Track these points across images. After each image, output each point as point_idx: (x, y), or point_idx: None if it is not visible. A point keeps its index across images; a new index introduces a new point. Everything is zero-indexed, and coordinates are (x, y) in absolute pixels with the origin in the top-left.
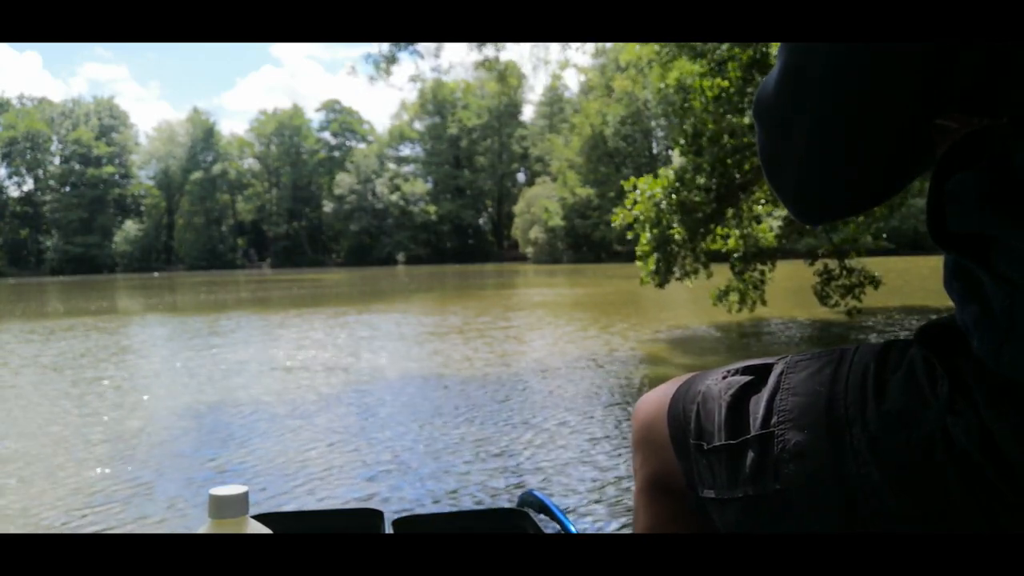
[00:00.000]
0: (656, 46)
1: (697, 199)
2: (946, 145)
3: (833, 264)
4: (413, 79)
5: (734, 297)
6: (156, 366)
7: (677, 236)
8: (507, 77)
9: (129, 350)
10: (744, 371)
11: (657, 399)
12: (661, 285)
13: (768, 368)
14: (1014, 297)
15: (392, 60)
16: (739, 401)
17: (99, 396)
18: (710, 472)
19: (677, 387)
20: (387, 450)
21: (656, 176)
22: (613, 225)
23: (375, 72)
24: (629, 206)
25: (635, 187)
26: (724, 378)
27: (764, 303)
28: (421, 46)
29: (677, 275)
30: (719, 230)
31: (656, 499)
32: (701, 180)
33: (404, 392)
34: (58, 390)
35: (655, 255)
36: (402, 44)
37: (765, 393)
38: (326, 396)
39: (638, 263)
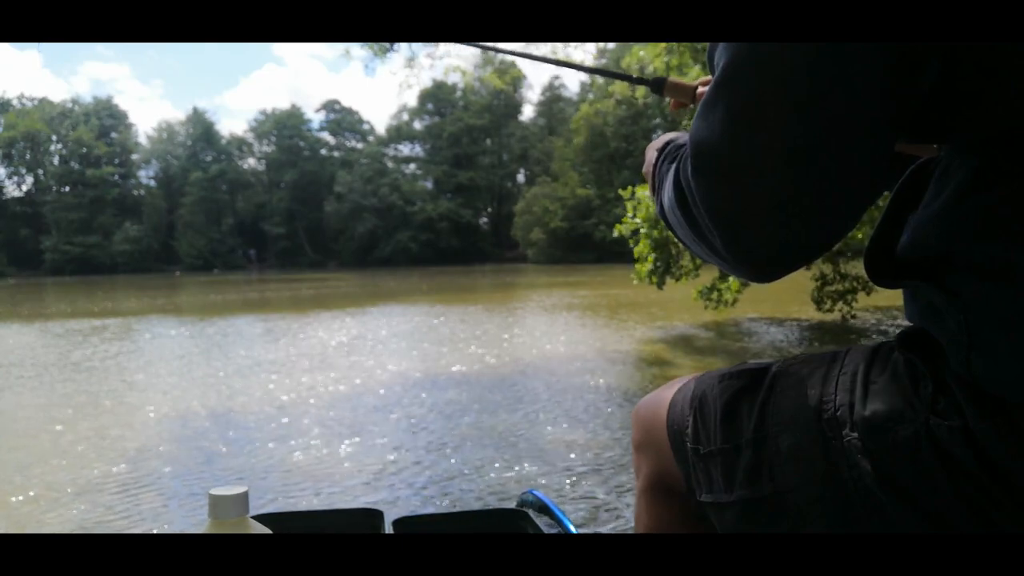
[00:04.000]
0: (664, 52)
1: None
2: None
3: (828, 269)
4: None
5: (715, 295)
6: (205, 368)
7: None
8: (504, 77)
9: (169, 352)
10: (739, 374)
11: (657, 402)
12: (659, 286)
13: (763, 371)
14: (966, 313)
15: (411, 60)
16: (734, 404)
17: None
18: (707, 476)
19: (676, 389)
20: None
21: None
22: (616, 235)
23: (403, 84)
24: (631, 214)
25: (633, 195)
26: (720, 381)
27: (735, 302)
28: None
29: (675, 276)
30: None
31: (657, 500)
32: None
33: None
34: (100, 390)
35: (652, 256)
36: (418, 46)
37: (759, 396)
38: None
39: (636, 266)
